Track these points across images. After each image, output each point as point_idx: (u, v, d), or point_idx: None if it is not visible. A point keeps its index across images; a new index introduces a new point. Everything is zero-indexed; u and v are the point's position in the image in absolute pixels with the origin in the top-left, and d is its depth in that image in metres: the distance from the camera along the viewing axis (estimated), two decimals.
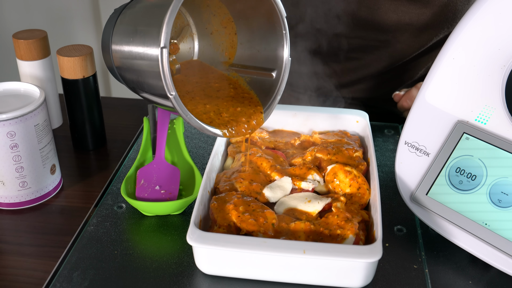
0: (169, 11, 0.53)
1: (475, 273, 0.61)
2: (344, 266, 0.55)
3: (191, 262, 0.61)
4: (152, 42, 0.55)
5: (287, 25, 0.63)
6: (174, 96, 0.55)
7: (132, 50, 0.59)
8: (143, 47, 0.57)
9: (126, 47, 0.60)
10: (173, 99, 0.55)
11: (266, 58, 0.67)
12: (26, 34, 0.81)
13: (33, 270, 0.62)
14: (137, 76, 0.60)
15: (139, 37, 0.58)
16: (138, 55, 0.58)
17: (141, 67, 0.58)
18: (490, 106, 0.61)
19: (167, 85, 0.55)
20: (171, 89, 0.55)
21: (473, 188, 0.61)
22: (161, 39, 0.53)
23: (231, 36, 0.70)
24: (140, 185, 0.69)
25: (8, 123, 0.65)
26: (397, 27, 0.86)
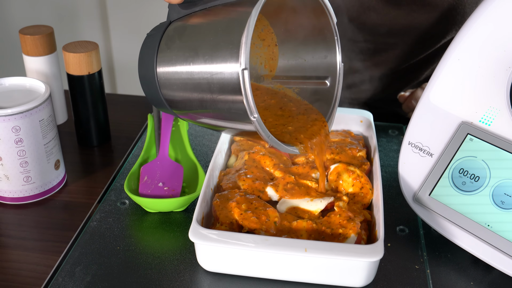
0: (247, 28, 0.50)
1: (476, 274, 0.61)
2: (346, 265, 0.56)
3: (193, 259, 0.62)
4: (225, 63, 0.51)
5: (337, 30, 0.61)
6: (257, 118, 0.52)
7: (194, 76, 0.55)
8: (211, 69, 0.53)
9: (184, 73, 0.56)
10: (256, 122, 0.52)
11: (315, 66, 0.65)
12: (33, 29, 0.82)
13: (36, 264, 0.62)
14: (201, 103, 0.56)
15: (202, 60, 0.54)
16: (204, 80, 0.54)
17: (209, 93, 0.54)
18: (495, 107, 0.61)
19: (249, 108, 0.51)
20: (254, 111, 0.51)
21: (476, 189, 0.61)
22: (241, 60, 0.50)
23: (271, 48, 0.67)
24: (143, 181, 0.69)
25: (13, 118, 0.65)
26: (406, 31, 0.86)
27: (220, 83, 0.52)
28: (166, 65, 0.57)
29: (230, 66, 0.51)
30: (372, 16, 0.85)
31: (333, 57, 0.63)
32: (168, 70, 0.57)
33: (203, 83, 0.54)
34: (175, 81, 0.57)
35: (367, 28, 0.87)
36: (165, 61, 0.58)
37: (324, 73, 0.64)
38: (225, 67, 0.51)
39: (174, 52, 0.57)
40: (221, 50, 0.52)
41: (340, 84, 0.64)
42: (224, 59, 0.52)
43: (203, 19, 0.57)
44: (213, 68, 0.53)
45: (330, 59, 0.64)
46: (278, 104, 0.65)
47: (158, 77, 0.58)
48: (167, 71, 0.57)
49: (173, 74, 0.57)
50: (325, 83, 0.64)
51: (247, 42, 0.50)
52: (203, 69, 0.53)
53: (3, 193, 0.70)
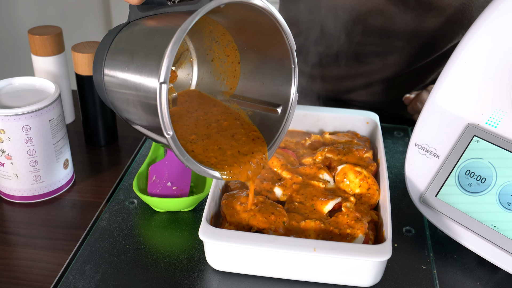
0: (172, 42, 0.48)
1: (483, 275, 0.61)
2: (354, 264, 0.56)
3: (202, 258, 0.62)
4: (150, 74, 0.49)
5: (296, 59, 0.59)
6: (172, 136, 0.50)
7: (127, 80, 0.53)
8: (139, 78, 0.51)
9: (121, 75, 0.54)
10: (170, 139, 0.50)
11: (271, 91, 0.62)
12: (41, 30, 0.82)
13: (46, 262, 0.63)
14: (130, 108, 0.55)
15: (135, 67, 0.52)
16: (133, 86, 0.52)
17: (136, 100, 0.52)
18: (501, 109, 0.62)
19: (164, 124, 0.49)
20: (168, 129, 0.49)
21: (483, 190, 0.61)
22: (160, 73, 0.48)
23: (234, 65, 0.65)
24: (152, 181, 0.70)
25: (24, 117, 0.66)
26: (412, 35, 0.87)
27: (145, 92, 0.50)
28: (111, 64, 0.56)
29: (151, 78, 0.49)
30: (379, 19, 0.86)
31: (288, 86, 0.60)
32: (112, 69, 0.56)
33: (133, 89, 0.52)
34: (114, 81, 0.56)
35: (374, 32, 0.87)
36: (111, 60, 0.56)
37: (278, 101, 0.61)
38: (150, 77, 0.50)
39: (119, 51, 0.56)
40: (150, 57, 0.50)
41: (291, 114, 0.61)
42: (150, 69, 0.50)
43: (150, 24, 0.55)
44: (141, 76, 0.51)
45: (285, 87, 0.61)
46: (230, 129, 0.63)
47: (104, 73, 0.57)
48: (111, 70, 0.56)
49: (114, 74, 0.56)
50: (276, 111, 0.61)
51: (171, 54, 0.48)
52: (135, 74, 0.52)
53: (12, 192, 0.71)
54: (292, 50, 0.58)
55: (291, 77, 0.60)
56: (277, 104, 0.61)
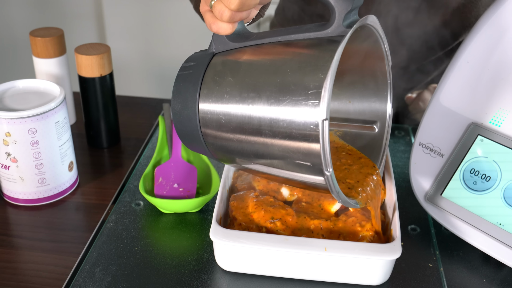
0: (330, 75, 0.45)
1: (489, 271, 0.62)
2: (364, 263, 0.57)
3: (211, 259, 0.62)
4: (299, 111, 0.46)
5: (391, 74, 0.58)
6: (331, 173, 0.47)
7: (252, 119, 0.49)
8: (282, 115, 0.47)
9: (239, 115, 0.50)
10: (330, 176, 0.47)
11: (360, 109, 0.61)
12: (43, 32, 0.82)
13: (54, 265, 0.63)
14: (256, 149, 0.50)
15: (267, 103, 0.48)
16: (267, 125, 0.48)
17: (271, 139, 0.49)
18: (504, 108, 0.63)
19: (325, 161, 0.46)
20: (329, 165, 0.47)
21: (488, 189, 0.62)
22: (322, 109, 0.45)
23: None
24: (158, 183, 0.70)
25: (30, 120, 0.66)
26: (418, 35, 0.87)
27: (288, 131, 0.47)
28: (213, 102, 0.52)
29: (305, 113, 0.46)
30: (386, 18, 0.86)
31: (382, 102, 0.60)
32: (217, 109, 0.51)
33: (264, 127, 0.49)
34: (224, 122, 0.51)
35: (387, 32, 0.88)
36: (213, 98, 0.52)
37: (371, 118, 0.61)
38: (298, 114, 0.46)
39: (226, 89, 0.51)
40: (292, 94, 0.47)
41: (389, 130, 0.60)
42: (296, 104, 0.47)
43: (261, 55, 0.51)
44: (280, 113, 0.48)
45: (378, 103, 0.60)
46: (336, 156, 0.62)
47: (200, 114, 0.52)
48: (214, 110, 0.52)
49: (223, 114, 0.51)
50: (373, 128, 0.60)
51: (330, 88, 0.45)
52: (267, 112, 0.48)
53: (17, 195, 0.71)
54: (389, 65, 0.58)
55: (386, 92, 0.59)
56: (372, 121, 0.61)
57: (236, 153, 0.53)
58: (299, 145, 0.47)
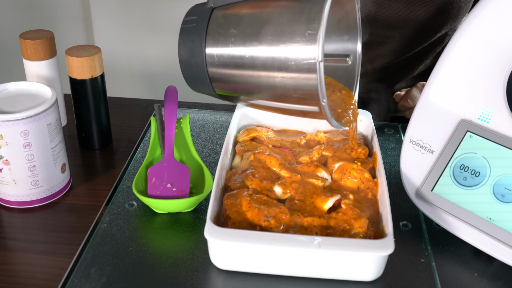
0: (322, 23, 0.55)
1: (479, 265, 0.63)
2: (358, 259, 0.57)
3: (205, 258, 0.63)
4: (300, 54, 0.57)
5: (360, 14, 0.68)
6: (326, 103, 0.58)
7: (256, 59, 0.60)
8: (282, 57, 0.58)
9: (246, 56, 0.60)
10: (326, 106, 0.59)
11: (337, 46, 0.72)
12: (33, 34, 0.82)
13: (49, 267, 0.63)
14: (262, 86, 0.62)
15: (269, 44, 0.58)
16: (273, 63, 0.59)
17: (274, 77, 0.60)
18: (493, 105, 0.64)
19: (322, 94, 0.58)
20: (325, 96, 0.58)
21: (477, 184, 0.63)
22: (319, 53, 0.56)
23: None
24: (151, 183, 0.70)
25: (22, 122, 0.66)
26: (403, 24, 0.89)
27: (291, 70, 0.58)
28: (219, 50, 0.62)
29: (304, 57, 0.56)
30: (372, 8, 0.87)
31: (354, 38, 0.72)
32: (223, 54, 0.62)
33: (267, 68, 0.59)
34: (230, 65, 0.62)
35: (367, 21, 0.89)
36: (219, 47, 0.62)
37: (344, 52, 0.73)
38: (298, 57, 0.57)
39: (230, 39, 0.61)
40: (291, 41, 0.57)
41: (360, 62, 0.72)
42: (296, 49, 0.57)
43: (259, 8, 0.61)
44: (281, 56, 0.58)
45: (351, 39, 0.72)
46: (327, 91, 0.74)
47: (207, 61, 0.63)
48: (221, 55, 0.62)
49: (229, 59, 0.62)
50: (346, 61, 0.72)
51: (323, 36, 0.55)
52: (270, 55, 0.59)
53: (10, 197, 0.71)
54: (358, 6, 0.69)
55: (356, 30, 0.71)
56: (346, 54, 0.73)
57: (241, 89, 0.64)
58: (299, 82, 0.59)
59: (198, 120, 0.91)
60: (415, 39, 0.92)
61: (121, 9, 1.87)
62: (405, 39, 0.91)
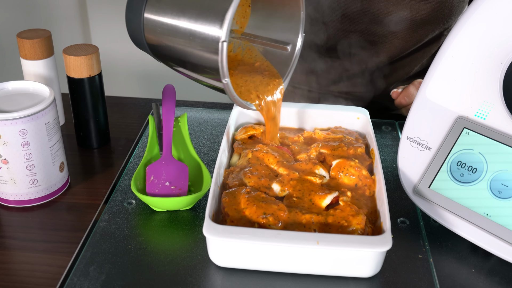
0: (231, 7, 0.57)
1: (477, 261, 0.64)
2: (356, 256, 0.58)
3: (204, 255, 0.63)
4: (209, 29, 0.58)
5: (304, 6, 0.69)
6: (228, 82, 0.60)
7: (178, 31, 0.62)
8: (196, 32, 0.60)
9: (171, 26, 0.62)
10: (227, 85, 0.61)
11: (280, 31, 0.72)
12: (31, 33, 0.82)
13: (48, 265, 0.63)
14: (181, 56, 0.63)
15: (189, 21, 0.61)
16: (187, 38, 0.61)
17: (189, 49, 0.61)
18: (489, 102, 0.64)
19: (223, 73, 0.60)
20: (225, 75, 0.60)
21: (474, 180, 0.64)
22: (223, 33, 0.57)
23: (245, 7, 0.74)
24: (150, 181, 0.70)
25: (21, 121, 0.66)
26: (396, 23, 0.89)
27: (201, 45, 0.60)
28: (153, 15, 0.64)
29: (212, 34, 0.58)
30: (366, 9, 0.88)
31: (296, 29, 0.72)
32: (155, 19, 0.64)
33: (186, 40, 0.61)
34: (160, 31, 0.64)
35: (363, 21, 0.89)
36: (153, 12, 0.64)
37: (287, 39, 0.73)
38: (208, 35, 0.59)
39: (163, 6, 0.63)
40: (206, 17, 0.59)
41: (299, 51, 0.73)
42: (207, 25, 0.59)
43: None
44: (197, 30, 0.60)
45: (294, 30, 0.72)
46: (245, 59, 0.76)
47: (144, 23, 0.65)
48: (154, 20, 0.64)
49: (159, 24, 0.64)
50: (286, 48, 0.72)
51: (230, 18, 0.57)
52: (188, 27, 0.61)
53: (9, 196, 0.71)
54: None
55: (299, 22, 0.71)
56: (286, 42, 0.72)
57: (167, 56, 0.66)
58: (206, 58, 0.61)
59: (196, 118, 0.91)
60: (408, 39, 0.92)
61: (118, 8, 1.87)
62: (398, 38, 0.92)
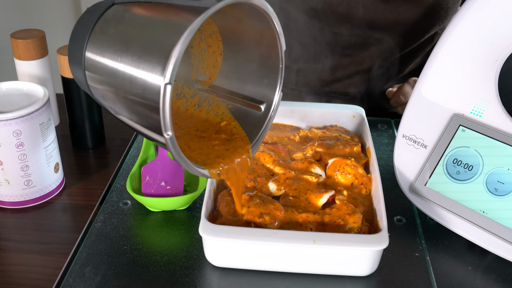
0: (180, 43, 0.46)
1: (473, 259, 0.64)
2: (352, 254, 0.58)
3: (200, 255, 0.63)
4: (151, 71, 0.47)
5: (284, 60, 0.58)
6: (171, 137, 0.49)
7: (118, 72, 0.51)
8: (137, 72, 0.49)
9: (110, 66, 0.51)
10: (169, 140, 0.49)
11: (254, 89, 0.62)
12: (24, 33, 0.82)
13: (44, 266, 0.63)
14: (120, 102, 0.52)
15: (131, 59, 0.49)
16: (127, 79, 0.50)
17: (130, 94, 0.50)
18: (485, 99, 0.64)
19: (165, 124, 0.48)
20: (168, 129, 0.48)
21: (470, 178, 0.64)
22: (166, 73, 0.46)
23: (215, 56, 0.63)
24: (145, 181, 0.70)
25: (14, 122, 0.65)
26: (392, 26, 0.89)
27: (142, 88, 0.49)
28: (95, 50, 0.53)
29: (155, 75, 0.47)
30: (361, 11, 0.87)
31: (273, 85, 0.60)
32: (96, 57, 0.53)
33: (126, 82, 0.50)
34: (100, 69, 0.53)
35: (355, 23, 0.89)
36: (95, 46, 0.53)
37: (262, 98, 0.61)
38: (150, 75, 0.48)
39: (106, 39, 0.53)
40: (151, 54, 0.48)
41: (274, 113, 0.61)
42: (151, 65, 0.48)
43: (144, 11, 0.52)
44: (138, 71, 0.49)
45: (270, 86, 0.61)
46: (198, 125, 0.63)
47: (85, 58, 0.54)
48: (94, 58, 0.53)
49: (100, 62, 0.53)
50: (259, 108, 0.61)
51: (179, 56, 0.46)
52: (129, 68, 0.50)
53: (3, 198, 0.70)
54: (282, 51, 0.58)
55: (277, 77, 0.60)
56: (260, 101, 0.61)
57: (106, 100, 0.55)
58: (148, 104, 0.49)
59: None
60: (404, 41, 0.92)
61: None
62: (394, 40, 0.92)
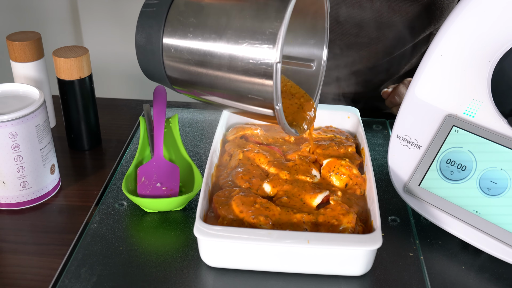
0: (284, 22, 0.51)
1: (467, 258, 0.64)
2: (346, 254, 0.58)
3: (196, 256, 0.63)
4: (257, 53, 0.52)
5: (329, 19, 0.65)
6: (280, 107, 0.54)
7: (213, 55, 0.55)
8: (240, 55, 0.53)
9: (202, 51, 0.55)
10: (279, 110, 0.55)
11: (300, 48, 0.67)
12: (20, 36, 0.82)
13: (39, 267, 0.63)
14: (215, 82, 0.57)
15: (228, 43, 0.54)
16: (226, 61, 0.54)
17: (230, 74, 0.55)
18: (478, 99, 0.65)
19: (277, 98, 0.53)
20: (279, 100, 0.54)
21: (464, 178, 0.64)
22: (277, 54, 0.52)
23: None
24: (141, 182, 0.70)
25: (10, 124, 0.66)
26: (388, 25, 0.89)
27: (245, 70, 0.54)
28: (177, 39, 0.57)
29: (262, 56, 0.52)
30: (357, 11, 0.88)
31: (320, 43, 0.67)
32: (180, 45, 0.57)
33: (224, 64, 0.55)
34: (187, 56, 0.57)
35: (352, 23, 0.89)
36: (177, 36, 0.57)
37: (310, 57, 0.68)
38: (255, 56, 0.53)
39: (189, 29, 0.56)
40: (250, 38, 0.53)
41: (324, 68, 0.68)
42: (254, 47, 0.53)
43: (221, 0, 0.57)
44: (239, 53, 0.53)
45: (317, 45, 0.67)
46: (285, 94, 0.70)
47: (164, 49, 0.58)
48: (178, 46, 0.57)
49: (186, 50, 0.57)
50: (310, 66, 0.68)
51: (283, 36, 0.51)
52: (227, 51, 0.54)
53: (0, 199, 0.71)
54: (328, 12, 0.64)
55: (324, 36, 0.67)
56: (311, 59, 0.68)
57: (195, 85, 0.59)
58: (254, 82, 0.54)
59: (187, 119, 0.91)
60: (399, 41, 0.93)
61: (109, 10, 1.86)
62: (390, 40, 0.92)
